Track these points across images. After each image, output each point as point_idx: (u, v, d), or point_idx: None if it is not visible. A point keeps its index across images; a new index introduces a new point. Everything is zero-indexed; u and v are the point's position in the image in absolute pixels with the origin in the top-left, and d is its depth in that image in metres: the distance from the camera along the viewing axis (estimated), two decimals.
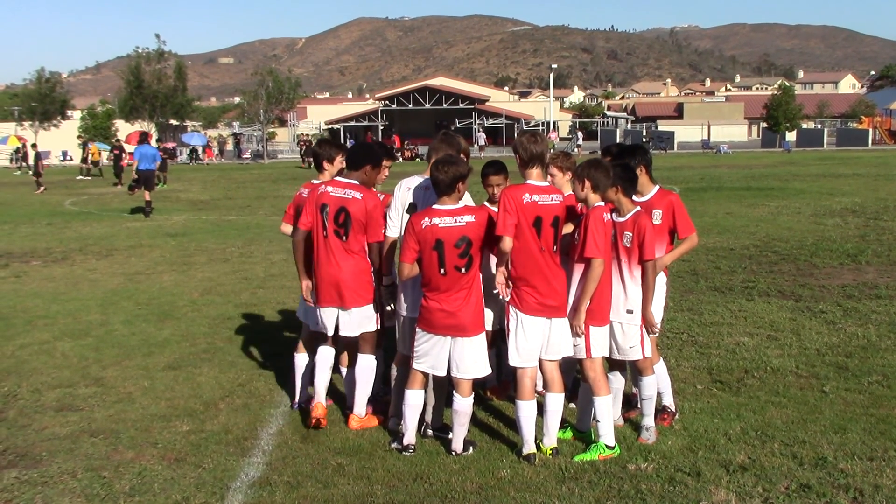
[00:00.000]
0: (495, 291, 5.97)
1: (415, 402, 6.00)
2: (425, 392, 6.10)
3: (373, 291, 6.40)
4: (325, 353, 6.58)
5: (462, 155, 6.27)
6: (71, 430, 6.53)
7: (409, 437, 5.99)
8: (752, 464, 5.63)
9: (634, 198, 6.15)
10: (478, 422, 6.47)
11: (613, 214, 5.95)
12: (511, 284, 5.81)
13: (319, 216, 6.37)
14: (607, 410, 5.87)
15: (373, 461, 5.82)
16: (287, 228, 7.10)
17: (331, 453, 5.97)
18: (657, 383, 6.26)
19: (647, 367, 6.15)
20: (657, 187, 6.49)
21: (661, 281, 6.38)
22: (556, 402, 5.86)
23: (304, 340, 7.15)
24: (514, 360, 5.85)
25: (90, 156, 47.00)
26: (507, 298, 5.84)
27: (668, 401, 6.50)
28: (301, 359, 7.08)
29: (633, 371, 6.40)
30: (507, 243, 5.67)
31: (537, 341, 5.79)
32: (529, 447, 5.78)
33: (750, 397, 7.00)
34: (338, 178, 6.51)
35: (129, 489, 5.46)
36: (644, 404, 6.18)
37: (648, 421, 6.15)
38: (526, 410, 5.80)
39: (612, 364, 6.25)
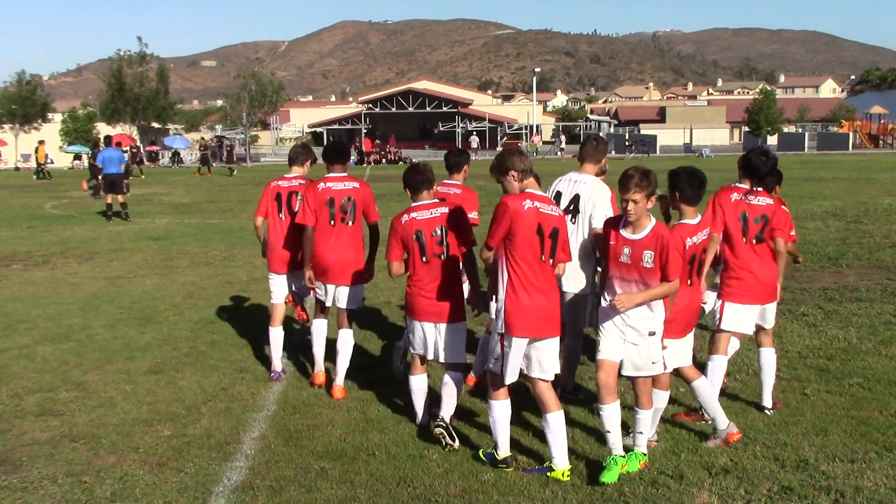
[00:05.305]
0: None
1: (417, 386, 6.47)
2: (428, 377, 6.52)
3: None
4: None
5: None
6: (51, 434, 6.48)
7: (421, 418, 6.47)
8: (735, 466, 5.66)
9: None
10: (461, 425, 6.46)
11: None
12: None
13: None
14: (647, 423, 5.75)
15: (356, 465, 5.81)
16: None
17: (314, 457, 5.95)
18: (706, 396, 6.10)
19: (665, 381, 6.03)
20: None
21: None
22: (557, 421, 5.57)
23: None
24: (510, 378, 5.58)
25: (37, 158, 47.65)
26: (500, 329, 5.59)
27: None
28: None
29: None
30: (489, 253, 5.62)
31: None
32: (504, 451, 5.69)
33: (732, 400, 7.03)
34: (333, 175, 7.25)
35: (110, 494, 5.43)
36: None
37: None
38: (499, 411, 5.68)
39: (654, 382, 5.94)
